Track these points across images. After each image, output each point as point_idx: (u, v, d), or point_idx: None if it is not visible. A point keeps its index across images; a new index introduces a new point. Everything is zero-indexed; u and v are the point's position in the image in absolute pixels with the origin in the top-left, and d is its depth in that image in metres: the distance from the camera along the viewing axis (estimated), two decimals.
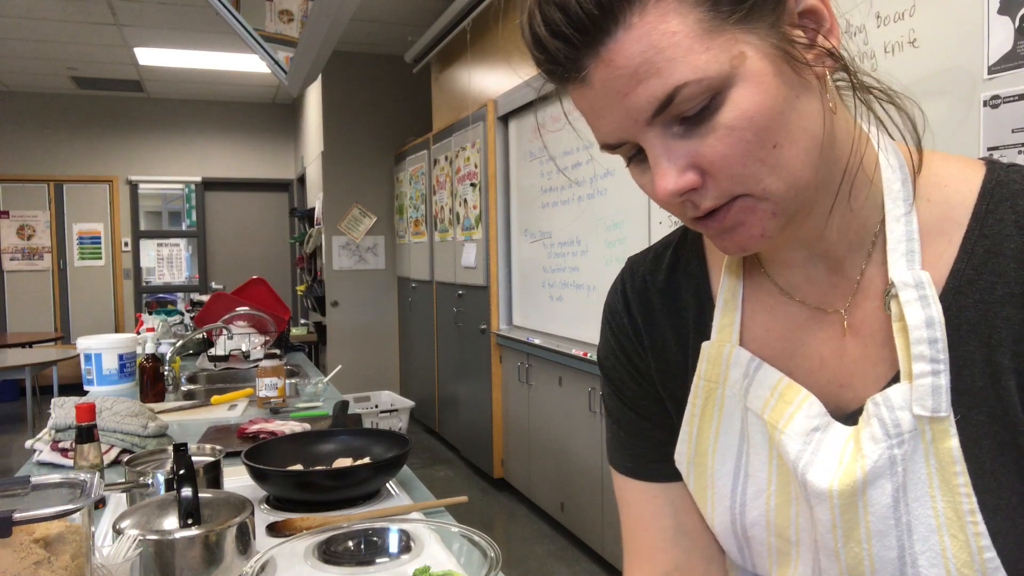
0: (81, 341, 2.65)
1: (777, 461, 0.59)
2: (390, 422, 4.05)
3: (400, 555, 1.04)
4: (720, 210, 0.51)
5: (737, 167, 0.49)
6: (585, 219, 3.29)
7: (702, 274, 0.67)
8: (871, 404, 0.54)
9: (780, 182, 0.50)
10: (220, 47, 5.85)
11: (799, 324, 0.61)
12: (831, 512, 0.55)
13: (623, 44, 0.46)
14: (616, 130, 0.51)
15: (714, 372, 0.63)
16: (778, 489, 0.60)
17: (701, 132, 0.48)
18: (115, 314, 7.65)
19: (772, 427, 0.59)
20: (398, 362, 6.48)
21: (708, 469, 0.64)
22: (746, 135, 0.48)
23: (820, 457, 0.56)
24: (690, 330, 0.66)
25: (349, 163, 6.20)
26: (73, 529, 0.82)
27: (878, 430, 0.53)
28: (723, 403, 0.62)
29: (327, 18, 2.42)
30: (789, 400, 0.58)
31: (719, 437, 0.63)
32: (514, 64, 4.01)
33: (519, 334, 3.95)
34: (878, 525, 0.54)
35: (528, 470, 3.94)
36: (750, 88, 0.47)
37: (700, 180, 0.50)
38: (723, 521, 0.64)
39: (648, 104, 0.48)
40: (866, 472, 0.53)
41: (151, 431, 1.74)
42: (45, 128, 7.36)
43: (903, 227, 0.55)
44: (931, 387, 0.52)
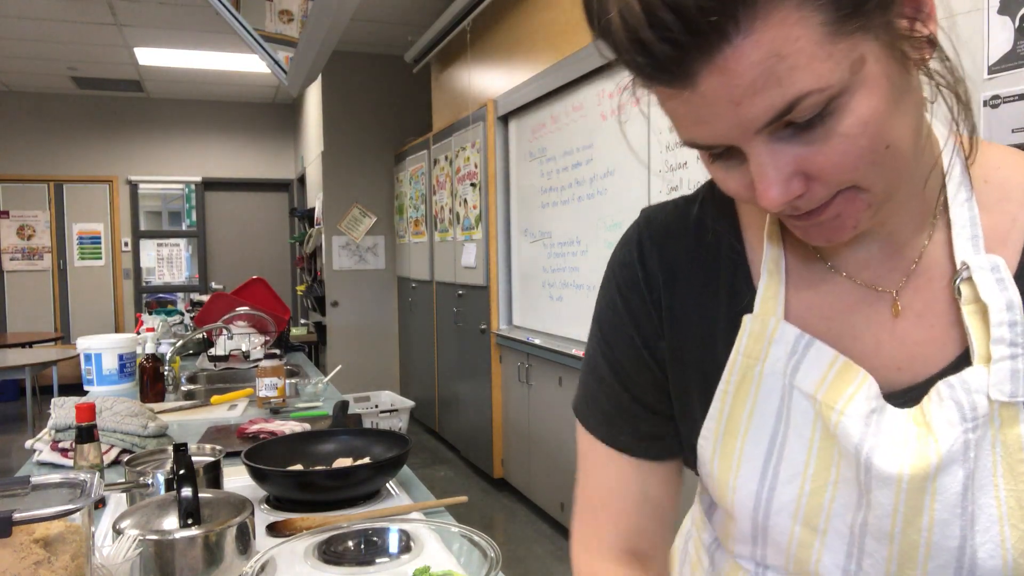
0: (81, 341, 2.65)
1: (820, 444, 0.56)
2: (390, 422, 4.05)
3: (400, 555, 1.04)
4: (819, 208, 0.49)
5: (848, 172, 0.47)
6: (585, 219, 3.29)
7: (736, 237, 0.62)
8: (945, 387, 0.53)
9: (885, 180, 0.49)
10: (220, 47, 5.85)
11: (849, 304, 0.58)
12: (895, 497, 0.53)
13: (742, 51, 0.42)
14: (720, 137, 0.48)
15: (755, 348, 0.59)
16: (815, 473, 0.57)
17: (812, 138, 0.46)
18: (115, 314, 7.65)
19: (828, 408, 0.55)
20: (398, 362, 6.48)
21: (735, 450, 0.60)
22: (861, 141, 0.45)
23: (883, 440, 0.53)
24: (721, 298, 0.61)
25: (349, 163, 6.20)
26: (73, 529, 0.82)
27: (954, 413, 0.52)
28: (761, 381, 0.58)
29: (327, 18, 2.42)
30: (848, 380, 0.55)
31: (753, 417, 0.59)
32: (514, 64, 4.01)
33: (519, 334, 3.95)
34: (943, 514, 0.52)
35: (528, 470, 3.94)
36: (868, 93, 0.44)
37: (806, 187, 0.48)
38: (744, 506, 0.60)
39: (764, 114, 0.44)
40: (941, 457, 0.51)
41: (151, 431, 1.74)
42: (45, 128, 7.36)
43: (967, 211, 0.54)
44: (1010, 371, 0.50)
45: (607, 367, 0.67)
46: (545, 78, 3.52)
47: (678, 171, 2.55)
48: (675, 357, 0.64)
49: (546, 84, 3.51)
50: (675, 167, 2.57)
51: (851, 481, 0.55)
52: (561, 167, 3.50)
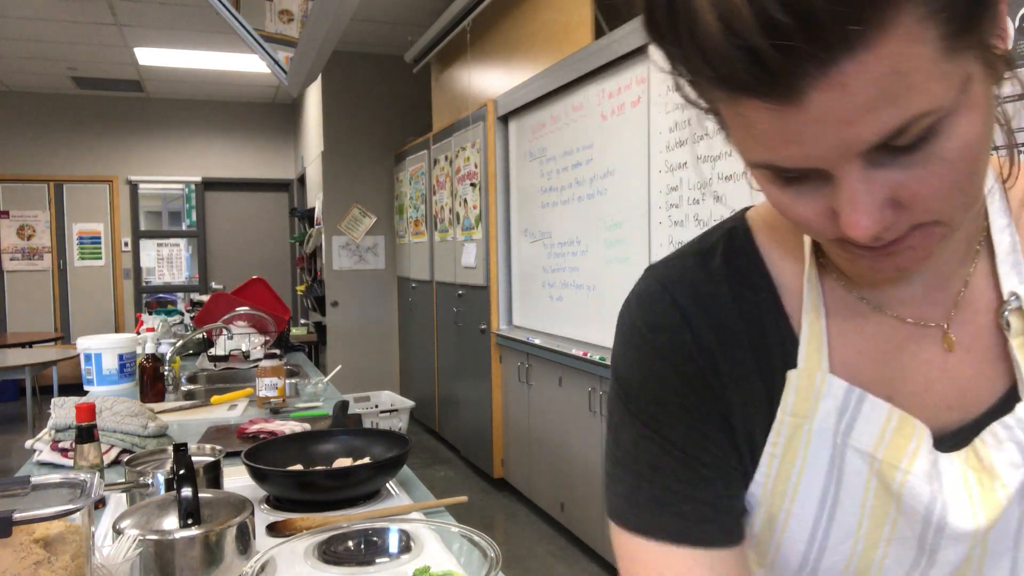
0: (81, 341, 2.65)
1: (874, 502, 0.53)
2: (390, 422, 4.05)
3: (400, 555, 1.04)
4: (896, 240, 0.45)
5: (941, 200, 0.43)
6: (585, 219, 3.29)
7: (770, 288, 0.57)
8: (1002, 428, 0.51)
9: (965, 212, 0.45)
10: (220, 47, 5.85)
11: (896, 343, 0.54)
12: (970, 550, 0.52)
13: (865, 65, 0.37)
14: (814, 159, 0.42)
15: (803, 406, 0.54)
16: (868, 532, 0.54)
17: (911, 162, 0.41)
18: (115, 314, 7.65)
19: (891, 467, 0.52)
20: (398, 362, 6.48)
21: (782, 512, 0.56)
22: (961, 167, 0.42)
23: (950, 496, 0.51)
24: (774, 355, 0.56)
25: (349, 163, 6.21)
26: (73, 529, 0.82)
27: (1016, 455, 0.50)
28: (810, 439, 0.54)
29: (327, 18, 2.42)
30: (908, 436, 0.52)
31: (802, 477, 0.55)
32: (514, 64, 4.01)
33: (519, 334, 3.95)
34: (995, 547, 0.51)
35: (528, 470, 3.94)
36: (972, 115, 0.41)
37: (896, 217, 0.43)
38: (788, 569, 0.57)
39: (874, 136, 0.40)
40: (1010, 500, 0.50)
41: (151, 431, 1.74)
42: (45, 128, 7.36)
43: (1008, 237, 0.52)
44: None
45: (662, 447, 0.57)
46: (545, 78, 3.52)
47: (678, 171, 2.55)
48: (741, 425, 0.57)
49: (546, 84, 3.51)
50: (675, 167, 2.57)
51: (910, 539, 0.53)
52: (561, 167, 3.50)
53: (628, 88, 2.90)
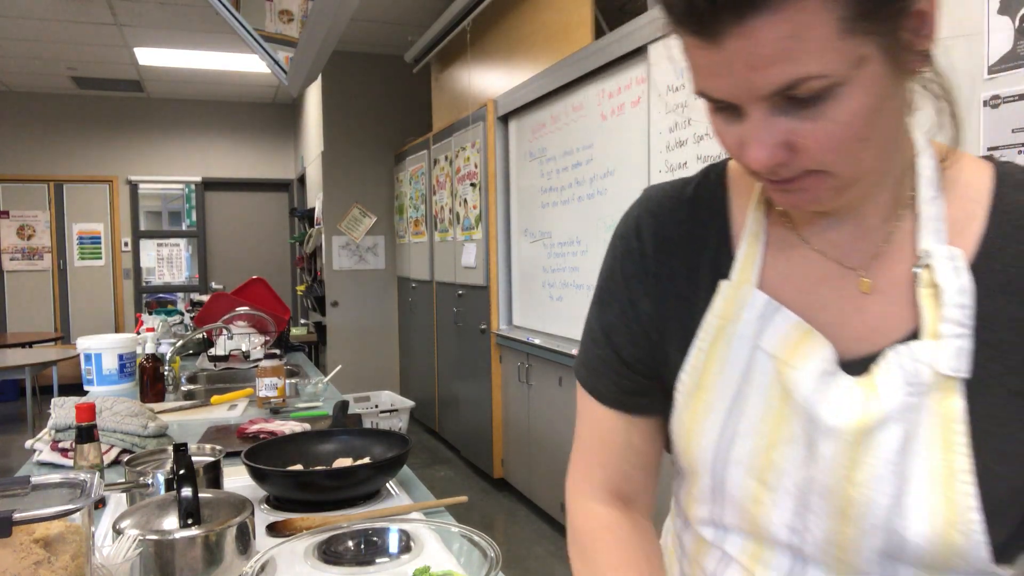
0: (81, 341, 2.65)
1: (778, 402, 0.61)
2: (390, 422, 4.05)
3: (400, 555, 1.04)
4: (791, 178, 0.55)
5: (826, 153, 0.53)
6: (585, 219, 3.29)
7: (724, 213, 0.69)
8: (893, 353, 0.58)
9: (854, 169, 0.55)
10: (220, 47, 5.85)
11: (819, 277, 0.64)
12: (837, 449, 0.58)
13: (770, 24, 0.48)
14: (728, 93, 0.53)
15: (728, 310, 0.65)
16: (771, 430, 0.62)
17: (805, 115, 0.52)
18: (115, 314, 7.65)
19: (784, 364, 0.61)
20: (398, 362, 6.48)
21: (702, 402, 0.66)
22: (845, 130, 0.51)
23: (830, 396, 0.59)
24: (704, 265, 0.68)
25: (349, 163, 6.21)
26: (73, 529, 0.82)
27: (899, 377, 0.57)
28: (731, 341, 0.64)
29: (327, 18, 2.42)
30: (807, 343, 0.61)
31: (722, 372, 0.65)
32: (514, 64, 4.01)
33: (519, 334, 3.95)
34: (880, 469, 0.57)
35: (528, 470, 3.94)
36: (862, 89, 0.50)
37: (788, 157, 0.53)
38: (705, 456, 0.65)
39: (771, 84, 0.50)
40: (883, 413, 0.57)
41: (151, 431, 1.74)
42: (45, 128, 7.36)
43: (934, 208, 0.60)
44: (956, 349, 0.56)
45: (600, 329, 0.74)
46: (545, 78, 3.52)
47: (678, 171, 2.55)
48: (660, 318, 0.70)
49: (546, 84, 3.51)
50: (675, 167, 2.57)
51: (800, 439, 0.60)
52: (561, 167, 3.50)
53: (628, 88, 2.90)
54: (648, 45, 2.67)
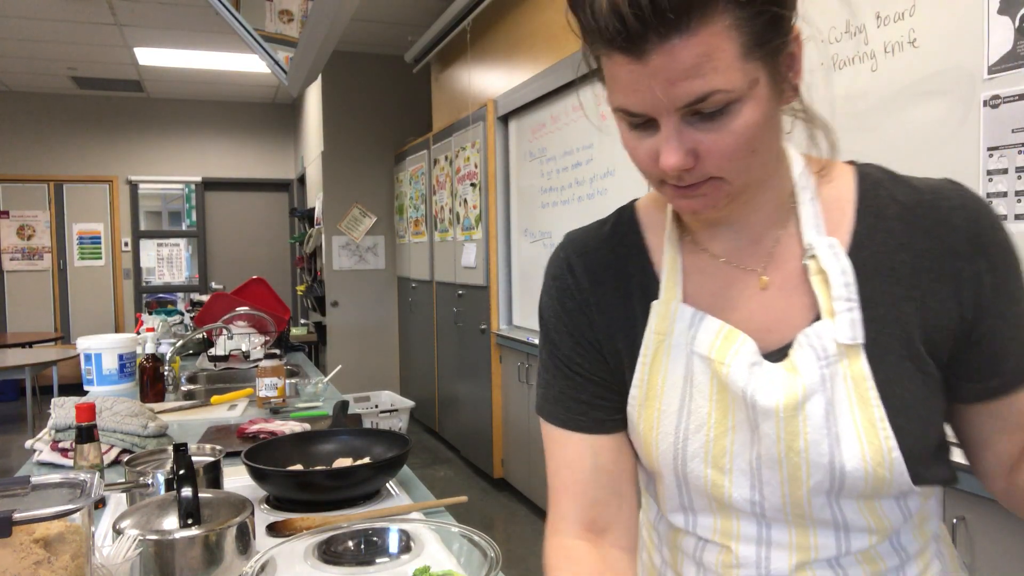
0: (81, 341, 2.65)
1: (718, 396, 0.70)
2: (390, 422, 4.04)
3: (400, 555, 1.04)
4: (694, 184, 0.65)
5: (724, 161, 0.62)
6: (585, 219, 3.28)
7: (641, 245, 0.79)
8: (802, 337, 0.68)
9: (745, 176, 0.65)
10: (220, 47, 5.85)
11: (728, 283, 0.74)
12: (776, 426, 0.67)
13: (688, 44, 0.57)
14: (645, 106, 0.62)
15: (662, 326, 0.74)
16: (717, 421, 0.71)
17: (709, 128, 0.61)
18: (115, 314, 7.65)
19: (719, 364, 0.70)
20: (398, 362, 6.48)
21: (655, 411, 0.74)
22: (741, 140, 0.61)
23: (762, 383, 0.68)
24: (634, 292, 0.77)
25: (349, 163, 6.21)
26: (73, 529, 0.82)
27: (811, 355, 0.67)
28: (670, 352, 0.73)
29: (327, 18, 2.42)
30: (732, 341, 0.70)
31: (666, 381, 0.73)
32: (514, 64, 4.01)
33: (519, 334, 3.95)
34: (814, 435, 0.66)
35: (528, 470, 3.94)
36: (755, 106, 0.61)
37: (694, 163, 0.63)
38: (666, 458, 0.73)
39: (686, 97, 0.59)
40: (806, 388, 0.66)
41: (151, 431, 1.74)
42: (45, 128, 7.36)
43: (811, 208, 0.71)
44: (849, 320, 0.66)
45: (552, 362, 0.81)
46: (545, 78, 3.52)
47: None
48: (607, 342, 0.78)
49: (546, 84, 3.51)
50: None
51: (744, 423, 0.69)
52: (561, 167, 3.50)
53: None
54: None
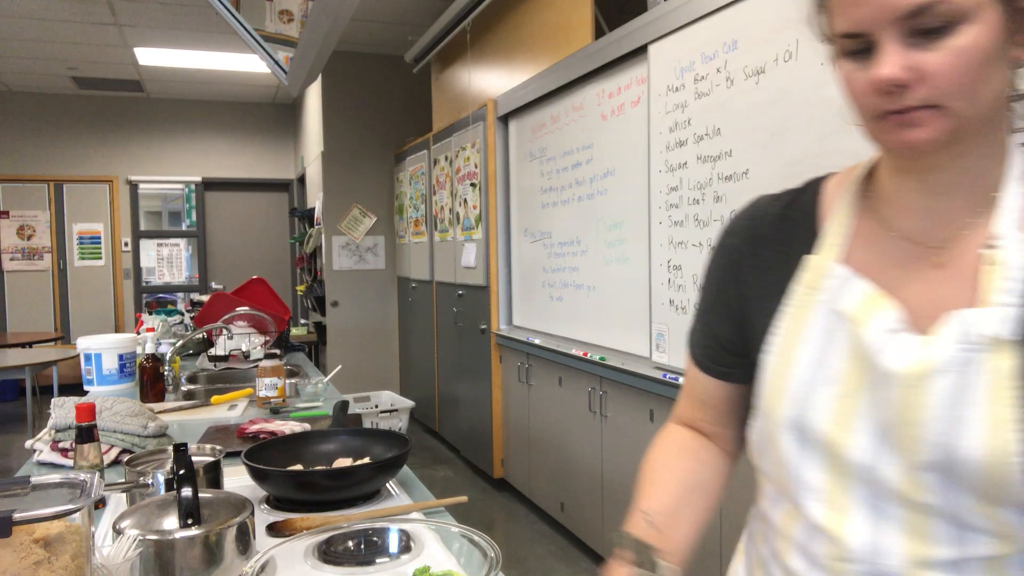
0: (81, 341, 2.65)
1: (853, 357, 0.70)
2: (390, 422, 4.05)
3: (400, 555, 1.04)
4: (913, 110, 0.62)
5: (947, 82, 0.61)
6: (585, 219, 3.29)
7: (814, 214, 0.79)
8: (952, 317, 0.65)
9: (968, 108, 0.62)
10: (220, 47, 5.85)
11: (899, 258, 0.71)
12: (898, 393, 0.66)
13: None
14: (866, 19, 0.62)
15: (814, 280, 0.74)
16: (847, 379, 0.70)
17: (931, 47, 0.60)
18: (115, 314, 7.65)
19: (856, 322, 0.70)
20: (398, 362, 6.48)
21: (790, 360, 0.74)
22: (965, 60, 0.60)
23: (897, 350, 0.67)
24: (794, 252, 0.78)
25: (349, 163, 6.21)
26: (73, 529, 0.82)
27: (955, 334, 0.65)
28: (815, 307, 0.74)
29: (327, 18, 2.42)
30: (876, 305, 0.70)
31: (806, 334, 0.74)
32: (514, 64, 4.01)
33: (519, 334, 3.95)
34: (937, 411, 0.64)
35: (528, 470, 3.94)
36: (982, 28, 0.60)
37: (912, 81, 0.61)
38: (790, 407, 0.73)
39: (908, 5, 0.59)
40: (936, 362, 0.65)
41: (151, 431, 1.74)
42: (45, 128, 7.35)
43: (1017, 199, 0.67)
44: (1003, 315, 0.63)
45: (700, 309, 0.89)
46: (545, 78, 3.52)
47: (677, 171, 2.55)
48: (749, 299, 0.81)
49: (546, 84, 3.51)
50: (675, 167, 2.57)
51: (870, 387, 0.69)
52: (561, 167, 3.50)
53: (628, 88, 2.90)
54: (648, 45, 2.67)
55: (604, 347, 3.13)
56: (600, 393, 3.09)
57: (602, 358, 3.03)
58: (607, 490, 3.10)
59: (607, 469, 3.09)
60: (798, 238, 0.78)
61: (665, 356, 2.66)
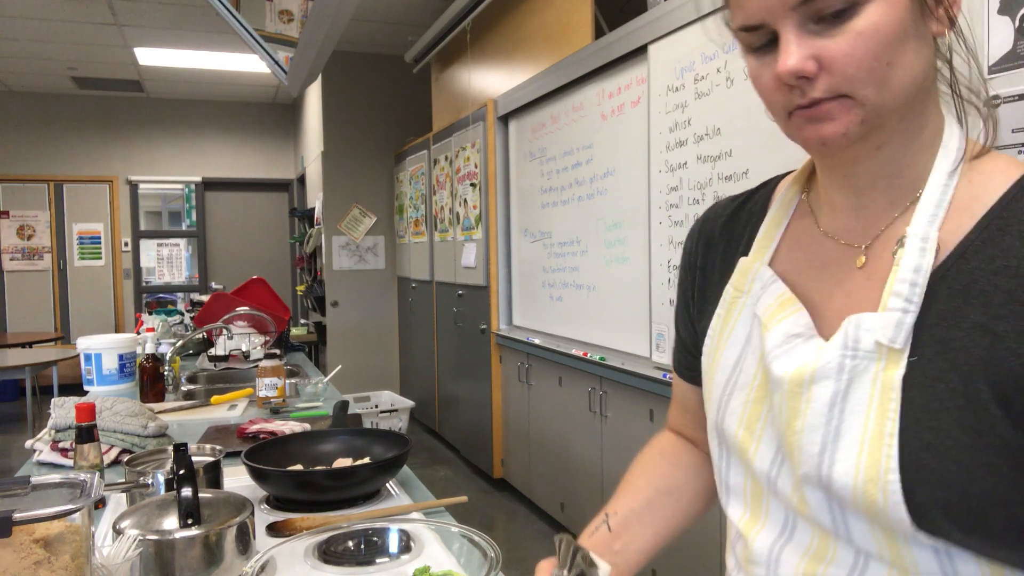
0: (81, 341, 2.65)
1: (760, 362, 0.69)
2: (390, 422, 4.05)
3: (400, 555, 1.04)
4: (820, 103, 0.58)
5: (852, 68, 0.56)
6: (585, 219, 3.29)
7: (762, 215, 0.77)
8: (846, 321, 0.62)
9: (880, 96, 0.57)
10: (220, 47, 5.85)
11: (825, 258, 0.69)
12: (783, 399, 0.64)
13: None
14: (762, 9, 0.58)
15: (741, 282, 0.73)
16: (760, 384, 0.69)
17: (832, 32, 0.56)
18: (115, 314, 7.65)
19: (764, 326, 0.68)
20: (398, 362, 6.48)
21: (715, 363, 0.74)
22: (869, 44, 0.56)
23: (789, 356, 0.65)
24: (733, 259, 0.76)
25: (349, 163, 6.21)
26: (73, 529, 0.82)
27: (838, 340, 0.62)
28: (742, 310, 0.72)
29: (327, 18, 2.42)
30: (785, 308, 0.68)
31: (731, 337, 0.73)
32: (514, 64, 4.01)
33: (519, 334, 3.95)
34: (812, 419, 0.61)
35: (528, 470, 3.94)
36: (885, 6, 0.56)
37: (817, 71, 0.57)
38: (711, 411, 0.75)
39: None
40: (816, 368, 0.62)
41: (151, 431, 1.74)
42: (45, 128, 7.35)
43: (937, 195, 0.61)
44: (896, 321, 0.59)
45: (674, 317, 0.89)
46: (545, 78, 3.52)
47: (677, 171, 2.55)
48: (699, 303, 0.81)
49: (546, 84, 3.51)
50: (675, 167, 2.57)
51: (771, 396, 0.67)
52: (561, 167, 3.50)
53: (628, 88, 2.90)
54: (648, 45, 2.67)
55: (604, 347, 3.13)
56: (600, 393, 3.09)
57: (602, 358, 3.03)
58: (607, 490, 3.10)
59: (607, 469, 3.09)
60: (741, 239, 0.77)
61: (665, 356, 2.66)
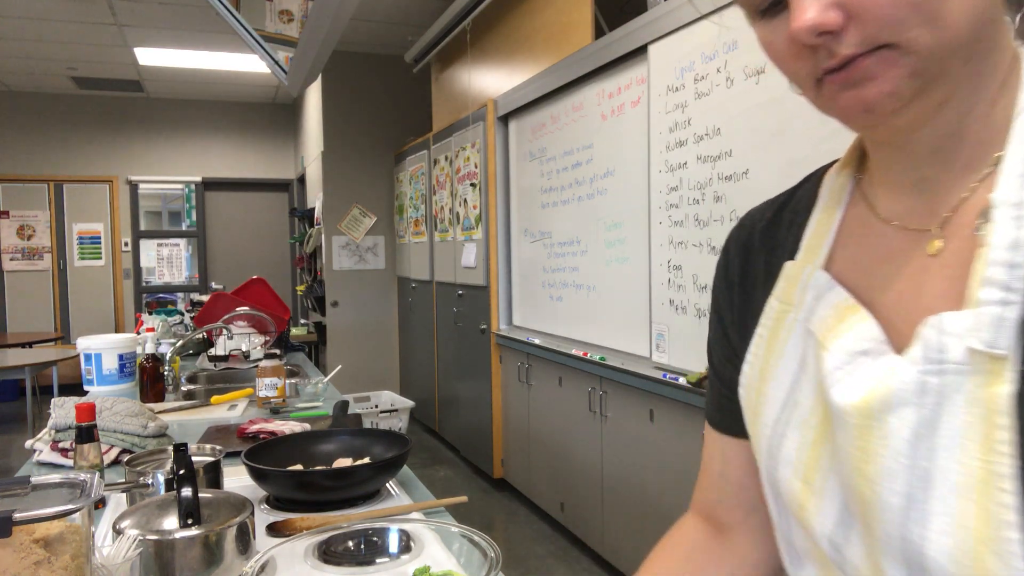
0: (81, 341, 2.65)
1: (818, 392, 0.53)
2: (390, 422, 4.05)
3: (400, 555, 1.04)
4: (856, 60, 0.44)
5: (889, 7, 0.42)
6: (585, 219, 3.29)
7: (806, 212, 0.61)
8: (923, 326, 0.46)
9: (931, 35, 0.43)
10: (220, 47, 5.85)
11: (892, 250, 0.53)
12: (848, 436, 0.48)
13: None
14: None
15: (789, 293, 0.57)
16: (820, 421, 0.52)
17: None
18: (115, 314, 7.65)
19: (821, 344, 0.52)
20: (398, 362, 6.48)
21: (762, 397, 0.58)
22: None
23: (853, 379, 0.49)
24: (777, 266, 0.61)
25: (349, 163, 6.21)
26: (73, 529, 0.82)
27: (918, 352, 0.45)
28: (793, 327, 0.56)
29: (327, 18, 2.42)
30: (845, 319, 0.51)
31: (780, 361, 0.57)
32: (514, 64, 4.01)
33: (519, 334, 3.95)
34: (889, 462, 0.45)
35: (528, 470, 3.94)
36: None
37: (842, 21, 0.43)
38: (762, 461, 0.59)
39: None
40: (890, 393, 0.46)
41: (151, 431, 1.74)
42: (45, 128, 7.36)
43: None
44: (994, 318, 0.42)
45: (709, 346, 0.71)
46: (545, 78, 3.52)
47: (677, 171, 2.55)
48: (740, 323, 0.65)
49: (546, 84, 3.51)
50: (675, 167, 2.57)
51: (835, 435, 0.51)
52: (561, 167, 3.50)
53: (628, 88, 2.90)
54: (648, 45, 2.67)
55: (604, 347, 3.13)
56: (600, 393, 3.09)
57: (602, 358, 3.03)
58: (607, 490, 3.10)
59: (607, 469, 3.09)
60: (786, 243, 0.61)
61: (665, 356, 2.66)
